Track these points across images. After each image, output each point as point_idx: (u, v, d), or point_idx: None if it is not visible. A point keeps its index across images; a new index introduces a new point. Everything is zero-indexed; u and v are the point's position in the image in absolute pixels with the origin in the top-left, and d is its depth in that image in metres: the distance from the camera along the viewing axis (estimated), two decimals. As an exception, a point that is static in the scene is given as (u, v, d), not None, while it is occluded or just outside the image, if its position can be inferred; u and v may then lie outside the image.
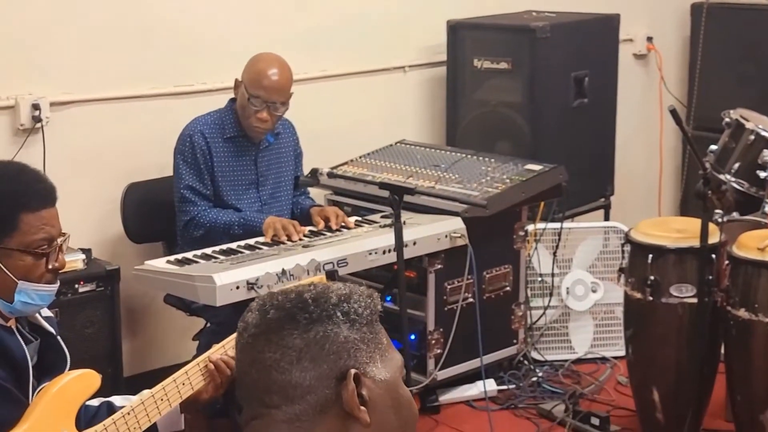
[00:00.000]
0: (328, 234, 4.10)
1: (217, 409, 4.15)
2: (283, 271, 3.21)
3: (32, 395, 2.50)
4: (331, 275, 3.05)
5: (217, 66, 4.53)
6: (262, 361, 1.54)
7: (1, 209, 2.42)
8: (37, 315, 2.61)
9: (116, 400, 2.62)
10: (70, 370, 2.59)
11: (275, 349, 1.54)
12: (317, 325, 1.54)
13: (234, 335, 2.69)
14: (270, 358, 1.54)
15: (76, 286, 3.98)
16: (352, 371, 1.53)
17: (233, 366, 2.63)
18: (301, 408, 1.52)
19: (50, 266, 2.47)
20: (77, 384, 2.54)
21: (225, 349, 2.69)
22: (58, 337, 2.63)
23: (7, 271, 2.42)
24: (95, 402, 2.66)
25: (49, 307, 2.74)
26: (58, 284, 2.53)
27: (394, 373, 1.59)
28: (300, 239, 3.96)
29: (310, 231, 4.10)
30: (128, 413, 2.54)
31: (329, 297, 1.57)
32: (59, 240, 2.49)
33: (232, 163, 4.16)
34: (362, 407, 1.53)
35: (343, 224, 4.17)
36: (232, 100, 4.18)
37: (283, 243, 3.93)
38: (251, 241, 3.97)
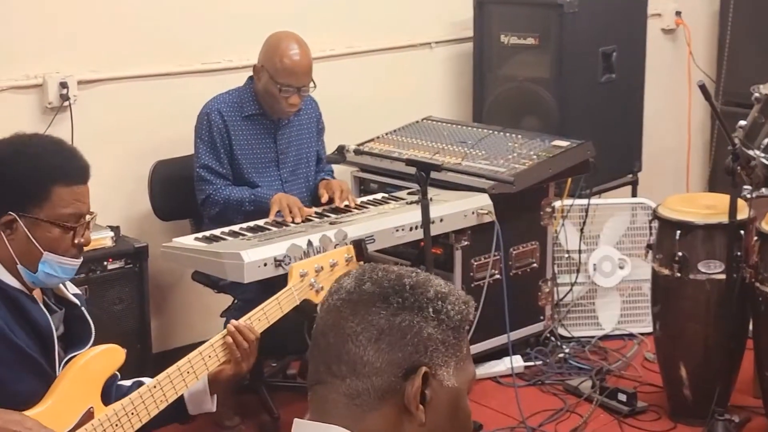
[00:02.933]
0: (356, 211, 4.11)
1: (246, 385, 4.19)
2: (310, 243, 3.21)
3: (59, 366, 2.53)
4: (358, 244, 3.04)
5: (244, 42, 4.53)
6: (342, 328, 1.54)
7: (35, 180, 2.45)
8: (63, 287, 2.63)
9: (147, 380, 2.63)
10: (97, 344, 2.61)
11: (359, 321, 1.53)
12: (407, 312, 1.53)
13: (258, 309, 2.73)
14: (351, 328, 1.53)
15: (105, 263, 4.01)
16: (423, 369, 1.51)
17: (251, 340, 2.66)
18: (363, 386, 1.51)
19: (76, 241, 2.50)
20: (102, 359, 2.57)
21: (250, 320, 2.70)
22: (83, 308, 2.66)
23: (34, 241, 2.45)
24: (128, 382, 2.68)
25: (78, 284, 2.77)
26: (81, 260, 2.55)
27: (462, 383, 1.57)
28: (305, 221, 3.96)
29: (321, 210, 4.10)
30: (155, 386, 2.57)
31: (427, 289, 1.56)
32: (87, 217, 2.51)
33: (252, 141, 4.16)
34: (421, 406, 1.52)
35: (348, 204, 4.16)
36: (251, 78, 4.18)
37: (286, 225, 3.93)
38: (279, 219, 3.98)
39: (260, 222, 3.97)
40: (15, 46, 4.10)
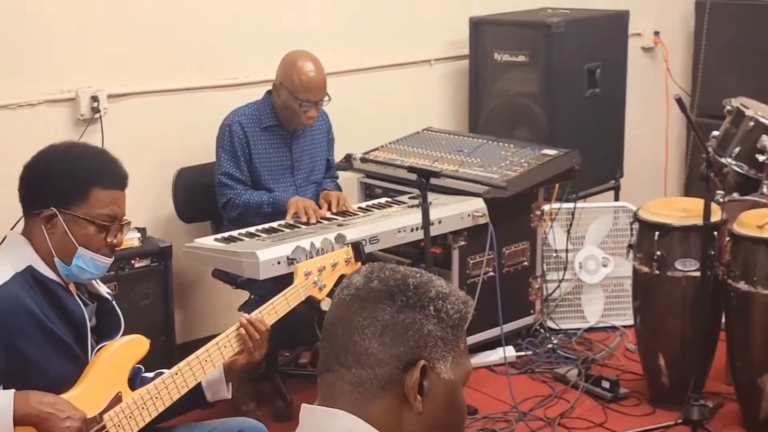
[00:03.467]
0: (361, 214, 4.11)
1: (261, 373, 4.19)
2: (312, 245, 3.23)
3: (91, 354, 2.53)
4: (356, 246, 3.05)
5: (259, 60, 4.53)
6: (350, 321, 1.53)
7: (77, 180, 2.47)
8: (95, 284, 2.64)
9: (167, 371, 2.63)
10: (124, 334, 2.62)
11: (366, 316, 1.53)
12: (410, 310, 1.53)
13: (267, 304, 2.73)
14: (358, 322, 1.53)
15: (132, 261, 4.00)
16: (422, 362, 1.51)
17: (262, 331, 2.66)
18: (367, 376, 1.51)
19: (108, 240, 2.50)
20: (128, 348, 2.58)
21: (261, 314, 2.70)
22: (113, 302, 2.66)
23: (70, 235, 2.46)
24: (150, 374, 2.68)
25: (108, 281, 2.77)
26: (112, 259, 2.56)
27: (459, 376, 1.56)
28: (318, 221, 3.96)
29: (332, 213, 4.10)
30: (176, 373, 2.57)
31: (429, 289, 1.56)
32: (122, 221, 2.53)
33: (269, 150, 4.16)
34: (419, 396, 1.51)
35: (344, 209, 4.15)
36: (269, 93, 4.18)
37: (304, 224, 3.93)
38: (291, 221, 3.98)
39: (274, 224, 3.97)
40: (50, 63, 4.10)
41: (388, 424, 1.51)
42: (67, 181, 2.47)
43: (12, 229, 2.57)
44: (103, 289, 2.68)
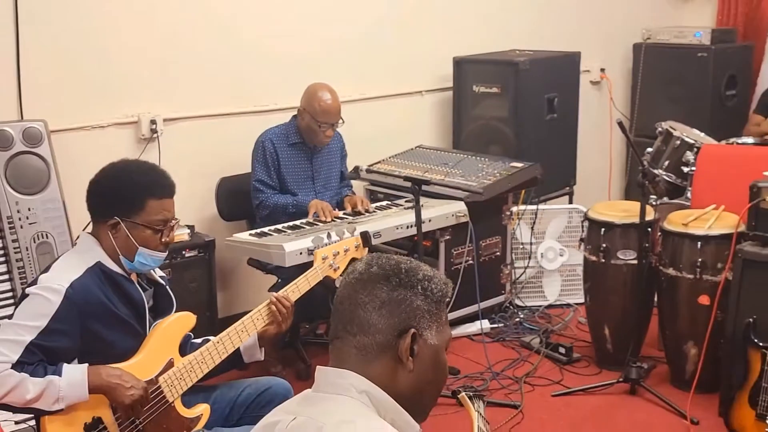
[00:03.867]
0: (366, 214, 4.10)
1: (286, 342, 4.18)
2: (329, 235, 3.22)
3: (149, 329, 2.52)
4: (364, 235, 3.03)
5: (285, 91, 4.51)
6: (354, 299, 1.54)
7: (134, 194, 2.45)
8: (152, 272, 2.62)
9: (212, 338, 2.62)
10: (177, 311, 2.61)
11: (367, 294, 1.53)
12: (402, 288, 1.53)
13: (291, 284, 2.72)
14: (361, 299, 1.53)
15: (183, 252, 4.00)
16: (412, 330, 1.52)
17: (288, 306, 2.65)
18: (369, 342, 1.52)
19: (163, 240, 2.49)
20: (178, 322, 2.56)
21: (287, 291, 2.69)
22: (167, 287, 2.65)
23: (132, 238, 2.44)
24: (198, 340, 2.67)
25: (163, 268, 2.75)
26: (166, 253, 2.54)
27: (441, 342, 1.57)
28: (332, 220, 3.94)
29: (343, 213, 4.08)
30: (218, 341, 2.56)
31: (417, 273, 1.56)
32: (172, 222, 2.50)
33: (294, 162, 4.15)
34: (410, 357, 1.52)
35: (366, 209, 4.13)
36: (294, 117, 4.17)
37: (322, 221, 3.92)
38: (311, 219, 3.96)
39: (297, 222, 3.96)
40: (118, 94, 4.09)
41: (385, 380, 1.52)
42: (127, 194, 2.44)
43: (84, 229, 2.55)
44: (159, 274, 2.66)
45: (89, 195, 2.49)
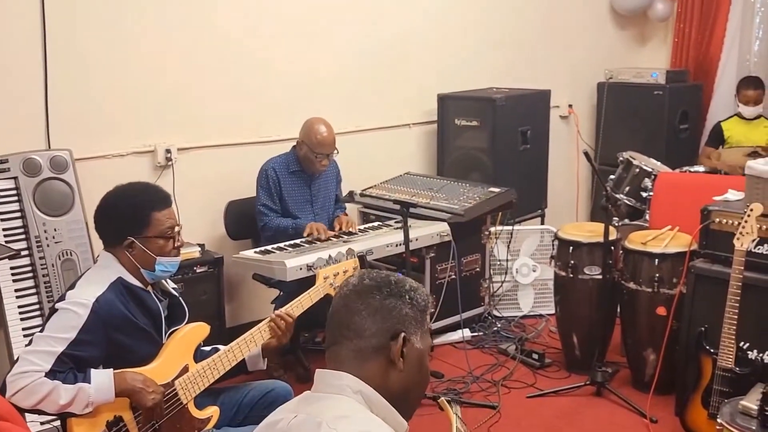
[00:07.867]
0: (360, 234, 4.10)
1: (287, 349, 4.16)
2: (330, 257, 3.22)
3: (165, 337, 2.52)
4: (362, 258, 3.04)
5: (285, 124, 4.53)
6: (350, 307, 1.55)
7: (138, 212, 2.45)
8: (166, 284, 2.61)
9: (221, 347, 2.61)
10: (188, 321, 2.60)
11: (361, 302, 1.55)
12: (392, 298, 1.55)
13: (294, 301, 2.71)
14: (356, 307, 1.55)
15: (194, 268, 3.98)
16: (403, 334, 1.54)
17: (289, 321, 2.64)
18: (364, 345, 1.53)
19: (175, 245, 2.49)
20: (193, 332, 2.56)
21: (287, 309, 2.69)
22: (180, 298, 2.64)
23: (148, 251, 2.44)
24: (208, 348, 2.66)
25: (176, 282, 2.73)
26: (180, 257, 2.54)
27: (425, 347, 1.59)
28: (328, 239, 3.94)
29: (340, 232, 4.08)
30: (227, 351, 2.55)
31: (405, 284, 1.59)
32: (177, 228, 2.51)
33: (294, 188, 4.15)
34: (401, 359, 1.54)
35: (350, 229, 4.13)
36: (294, 147, 4.18)
37: (319, 240, 3.92)
38: (310, 239, 3.96)
39: (298, 241, 3.96)
40: (136, 125, 4.10)
41: (378, 380, 1.53)
42: (132, 215, 2.44)
43: (104, 248, 2.54)
44: (172, 286, 2.66)
45: (98, 224, 2.48)
